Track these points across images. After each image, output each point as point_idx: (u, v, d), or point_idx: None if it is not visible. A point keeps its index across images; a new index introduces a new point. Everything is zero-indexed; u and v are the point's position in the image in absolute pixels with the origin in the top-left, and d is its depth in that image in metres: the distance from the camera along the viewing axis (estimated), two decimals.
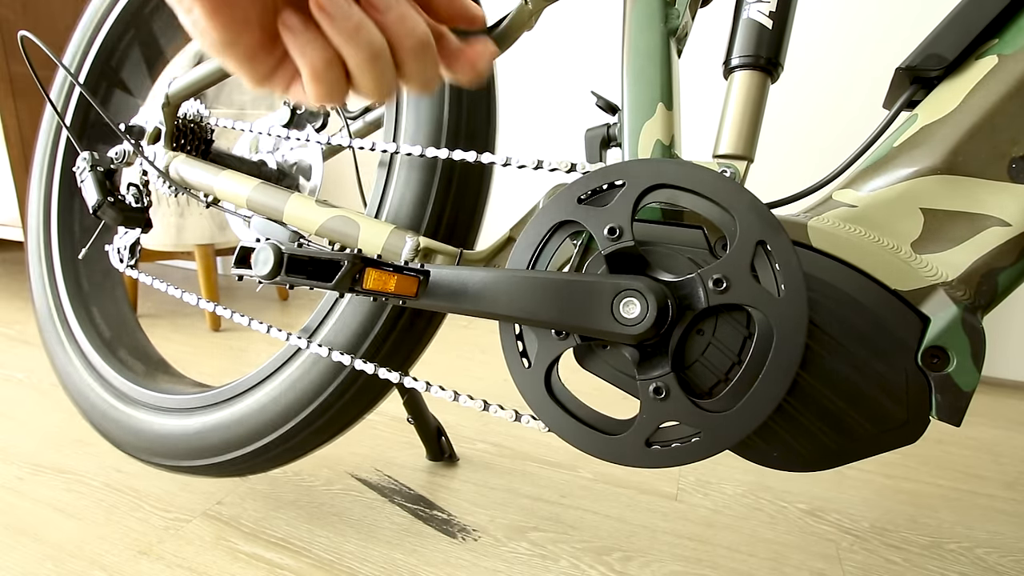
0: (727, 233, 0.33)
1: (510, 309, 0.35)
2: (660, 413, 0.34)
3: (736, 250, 0.32)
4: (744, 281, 0.32)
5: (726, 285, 0.32)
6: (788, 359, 0.31)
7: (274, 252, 0.32)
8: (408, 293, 0.36)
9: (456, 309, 0.37)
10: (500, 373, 1.08)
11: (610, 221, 0.34)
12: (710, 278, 0.32)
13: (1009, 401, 1.05)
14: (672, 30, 0.41)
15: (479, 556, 0.56)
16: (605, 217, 0.34)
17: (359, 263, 0.34)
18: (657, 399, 0.34)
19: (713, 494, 0.69)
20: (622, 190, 0.34)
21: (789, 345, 0.31)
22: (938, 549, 0.61)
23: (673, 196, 0.34)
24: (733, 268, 0.32)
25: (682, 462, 0.34)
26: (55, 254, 0.72)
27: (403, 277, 0.35)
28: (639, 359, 0.35)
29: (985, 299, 0.32)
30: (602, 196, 0.36)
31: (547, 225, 0.36)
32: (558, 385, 0.37)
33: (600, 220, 0.35)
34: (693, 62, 1.18)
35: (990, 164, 0.33)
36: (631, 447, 0.34)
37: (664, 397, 0.33)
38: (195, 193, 0.56)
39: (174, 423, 0.58)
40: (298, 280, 0.33)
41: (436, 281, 0.37)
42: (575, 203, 0.35)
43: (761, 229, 0.32)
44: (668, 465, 0.34)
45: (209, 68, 0.54)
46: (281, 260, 0.33)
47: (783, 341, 0.31)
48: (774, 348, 0.31)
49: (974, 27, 0.34)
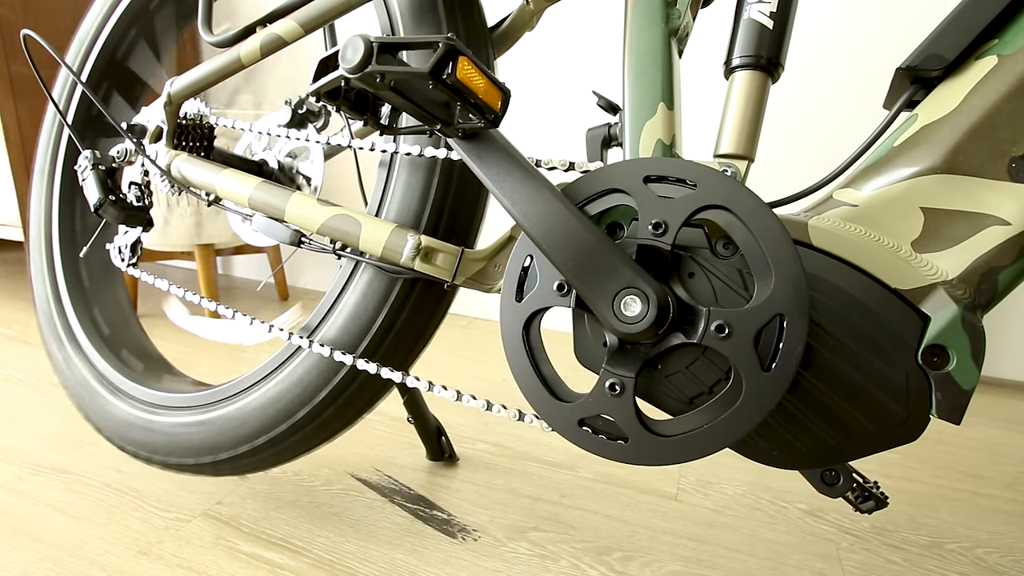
0: (757, 281, 0.33)
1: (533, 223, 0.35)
2: (604, 405, 0.35)
3: (755, 311, 0.32)
4: (744, 343, 0.32)
5: (727, 334, 0.32)
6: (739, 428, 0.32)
7: (363, 40, 0.31)
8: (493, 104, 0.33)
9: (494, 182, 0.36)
10: (500, 373, 1.08)
11: (661, 215, 0.34)
12: (716, 321, 0.32)
13: (1009, 401, 1.05)
14: (673, 30, 0.41)
15: (479, 556, 0.56)
16: (660, 208, 0.34)
17: (452, 46, 0.31)
18: (610, 392, 0.35)
19: (713, 494, 0.69)
20: (691, 192, 0.34)
21: (745, 418, 0.32)
22: (938, 549, 0.61)
23: (728, 221, 0.33)
24: (742, 326, 0.32)
25: (597, 454, 0.35)
26: (56, 252, 0.72)
27: (491, 85, 0.33)
28: (616, 348, 0.36)
29: (985, 298, 0.32)
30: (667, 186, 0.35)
31: (601, 186, 0.36)
32: (535, 332, 0.37)
33: (653, 208, 0.34)
34: (694, 62, 1.18)
35: (990, 163, 0.33)
36: (565, 417, 0.36)
37: (617, 394, 0.34)
38: (197, 192, 0.56)
39: (175, 421, 0.58)
40: (389, 68, 0.32)
41: (497, 138, 0.36)
42: (641, 179, 0.35)
43: (788, 305, 0.31)
44: (585, 449, 0.35)
45: (211, 67, 0.54)
46: (371, 48, 0.31)
47: (745, 411, 0.32)
48: (733, 412, 0.32)
49: (974, 27, 0.34)
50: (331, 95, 0.36)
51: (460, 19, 0.49)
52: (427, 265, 0.44)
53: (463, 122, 0.36)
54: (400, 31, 0.50)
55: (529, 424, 0.41)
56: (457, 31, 0.49)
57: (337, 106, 0.36)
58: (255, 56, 0.51)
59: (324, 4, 0.48)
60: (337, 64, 0.33)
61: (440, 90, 0.32)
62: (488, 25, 0.53)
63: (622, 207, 0.36)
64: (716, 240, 0.36)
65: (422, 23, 0.49)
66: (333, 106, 0.37)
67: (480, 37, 0.51)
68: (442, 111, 0.35)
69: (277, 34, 0.50)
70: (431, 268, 0.44)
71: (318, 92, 0.35)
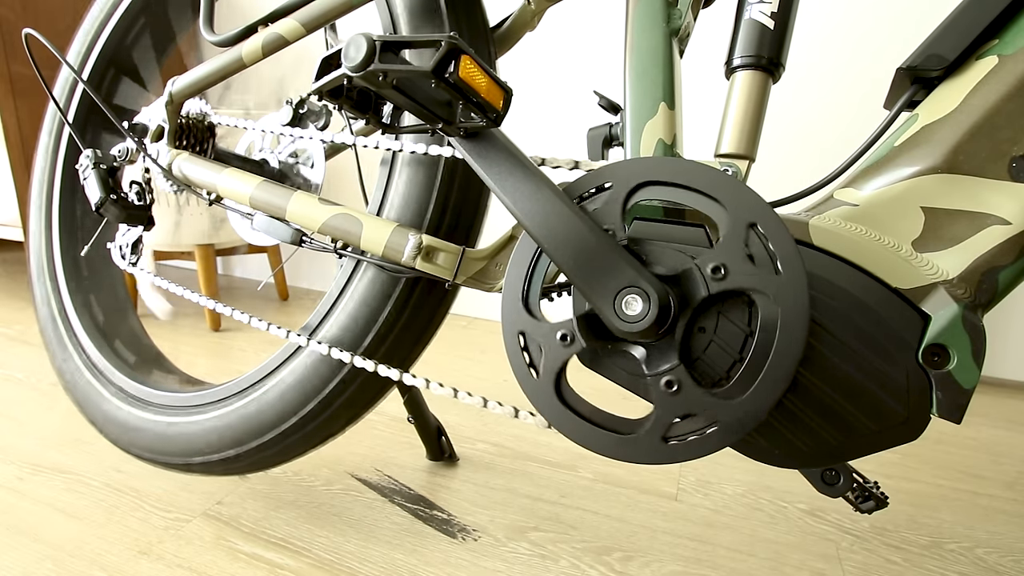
0: (719, 222, 0.33)
1: (534, 222, 0.35)
2: (675, 406, 0.33)
3: (729, 236, 0.32)
4: (741, 264, 0.32)
5: (724, 272, 0.32)
6: (795, 333, 0.31)
7: (365, 39, 0.31)
8: (495, 103, 0.33)
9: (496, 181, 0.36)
10: (500, 373, 1.08)
11: (603, 223, 0.34)
12: (707, 266, 0.33)
13: (1009, 401, 1.05)
14: (674, 30, 0.41)
15: (479, 556, 0.56)
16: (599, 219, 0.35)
17: (455, 44, 0.31)
18: (669, 393, 0.33)
19: (713, 494, 0.69)
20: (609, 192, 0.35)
21: (794, 318, 0.31)
22: (938, 549, 0.61)
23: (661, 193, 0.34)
24: (729, 253, 0.32)
25: (702, 453, 0.33)
26: (56, 251, 0.72)
27: (493, 84, 0.33)
28: (646, 356, 0.35)
29: (985, 297, 0.33)
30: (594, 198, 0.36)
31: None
32: (568, 390, 0.36)
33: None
34: (695, 62, 1.18)
35: (990, 163, 0.33)
36: (648, 444, 0.34)
37: (677, 390, 0.33)
38: (198, 191, 0.56)
39: (175, 421, 0.58)
40: (391, 67, 0.32)
41: (499, 137, 0.36)
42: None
43: (749, 211, 0.32)
44: (690, 458, 0.33)
45: (213, 66, 0.54)
46: (373, 46, 0.31)
47: (788, 315, 0.31)
48: (780, 324, 0.31)
49: (974, 28, 0.34)
50: (333, 94, 0.36)
51: (462, 18, 0.49)
52: (428, 264, 0.44)
53: (465, 121, 0.36)
54: (402, 30, 0.50)
55: (524, 421, 0.41)
56: (459, 30, 0.49)
57: (339, 105, 0.37)
58: (257, 55, 0.51)
59: (326, 3, 0.48)
60: (339, 63, 0.33)
61: (442, 89, 0.32)
62: (489, 25, 0.53)
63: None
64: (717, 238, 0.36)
65: (424, 22, 0.49)
66: (335, 105, 0.37)
67: (482, 37, 0.51)
68: (444, 110, 0.36)
69: (279, 33, 0.50)
70: (432, 267, 0.44)
71: (320, 91, 0.35)
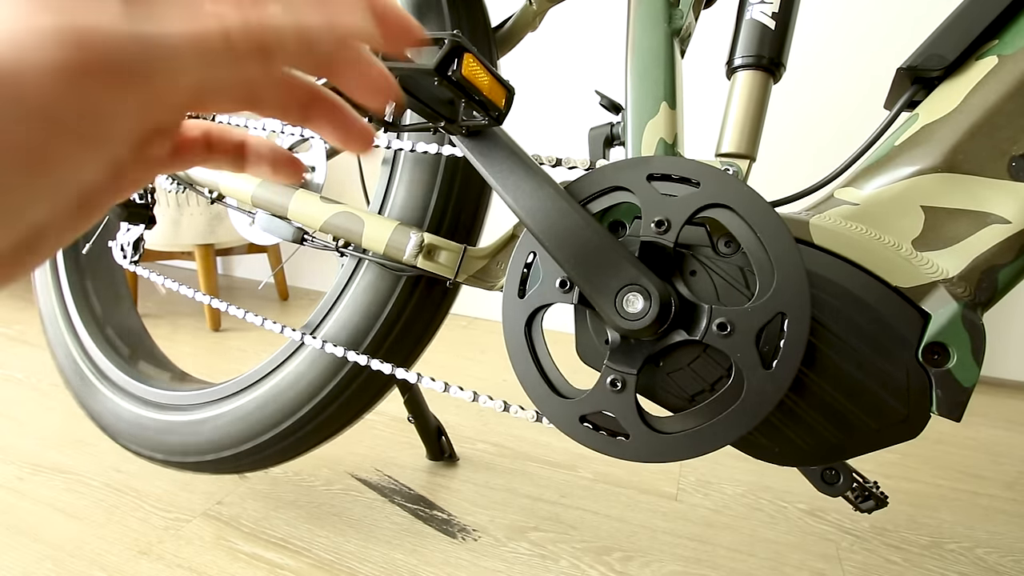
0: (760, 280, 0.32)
1: (536, 221, 0.35)
2: (605, 401, 0.35)
3: (756, 309, 0.32)
4: (746, 342, 0.32)
5: (729, 332, 0.32)
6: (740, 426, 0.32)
7: None
8: (497, 101, 0.33)
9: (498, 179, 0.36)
10: (501, 373, 1.08)
11: (664, 213, 0.34)
12: (718, 319, 0.32)
13: (1009, 401, 1.05)
14: (676, 30, 0.41)
15: (479, 556, 0.56)
16: (663, 206, 0.34)
17: (458, 42, 0.31)
18: (611, 388, 0.35)
19: (713, 494, 0.69)
20: (694, 190, 0.34)
21: (747, 416, 0.32)
22: (938, 549, 0.61)
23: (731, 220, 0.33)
24: (744, 324, 0.32)
25: (598, 451, 0.35)
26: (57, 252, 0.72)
27: (496, 82, 0.33)
28: (618, 345, 0.36)
29: (985, 296, 0.33)
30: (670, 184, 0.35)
31: (604, 184, 0.36)
32: (537, 329, 0.37)
33: (656, 206, 0.34)
34: (696, 62, 1.18)
35: (990, 162, 0.33)
36: (566, 413, 0.36)
37: (618, 391, 0.34)
38: (200, 189, 0.56)
39: (176, 419, 0.58)
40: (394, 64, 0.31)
41: (501, 136, 0.36)
42: (644, 177, 0.35)
43: (790, 303, 0.31)
44: (586, 445, 0.35)
45: None
46: None
47: (748, 408, 0.32)
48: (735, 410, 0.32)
49: (974, 28, 0.34)
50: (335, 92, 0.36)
51: (464, 18, 0.49)
52: (430, 263, 0.44)
53: (467, 119, 0.36)
54: None
55: (515, 415, 0.41)
56: (460, 29, 0.49)
57: None
58: None
59: None
60: None
61: (445, 87, 0.32)
62: (491, 25, 0.53)
63: (624, 205, 0.37)
64: (718, 238, 0.36)
65: (426, 21, 0.49)
66: None
67: (483, 36, 0.51)
68: (446, 108, 0.36)
69: None
70: (434, 266, 0.44)
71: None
